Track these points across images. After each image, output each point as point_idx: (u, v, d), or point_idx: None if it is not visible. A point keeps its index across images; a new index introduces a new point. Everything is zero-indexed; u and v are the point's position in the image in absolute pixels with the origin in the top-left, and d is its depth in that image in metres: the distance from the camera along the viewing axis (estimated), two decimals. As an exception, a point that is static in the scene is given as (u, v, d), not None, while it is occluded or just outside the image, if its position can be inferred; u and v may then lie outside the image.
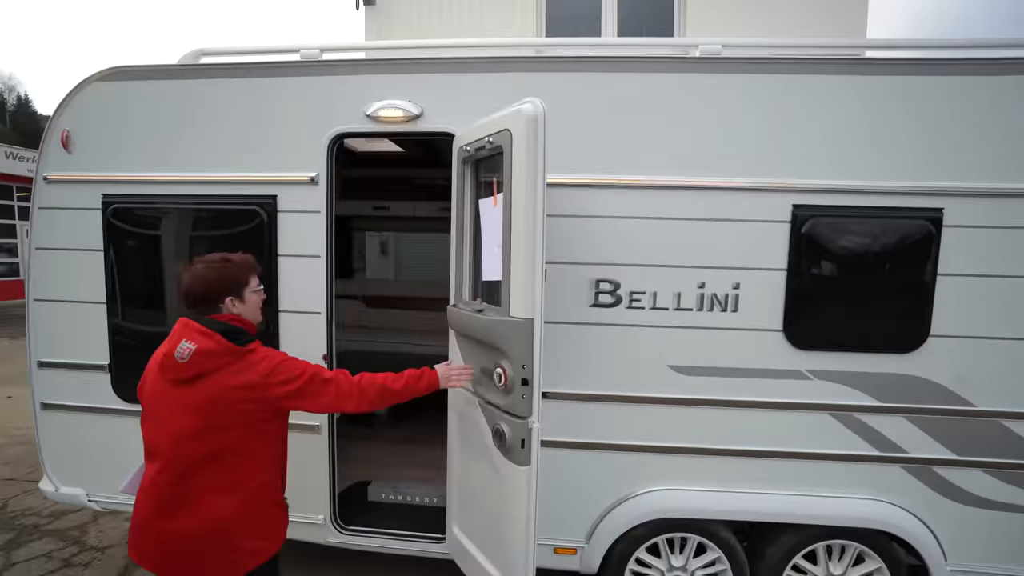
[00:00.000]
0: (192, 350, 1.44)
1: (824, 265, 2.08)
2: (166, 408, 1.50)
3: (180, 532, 1.47)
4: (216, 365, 1.47)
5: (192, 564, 1.51)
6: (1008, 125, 1.97)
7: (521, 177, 1.64)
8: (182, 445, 1.46)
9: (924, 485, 2.14)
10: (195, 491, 1.47)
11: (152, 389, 1.54)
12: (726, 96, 2.07)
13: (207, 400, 1.46)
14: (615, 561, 2.27)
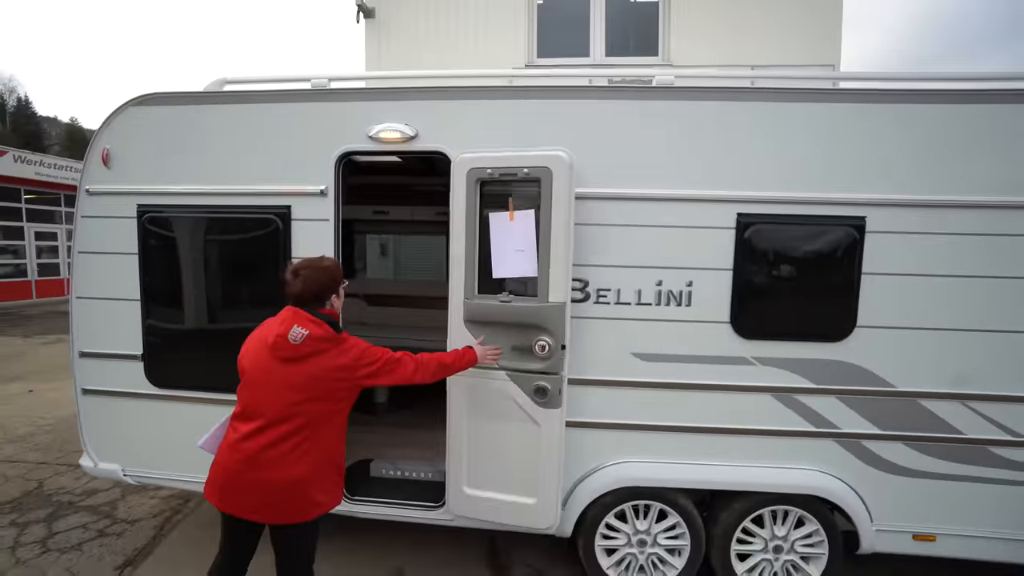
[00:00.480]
0: (305, 335, 1.80)
1: (764, 265, 2.41)
2: (273, 380, 1.82)
3: (267, 482, 1.80)
4: (321, 348, 1.83)
5: (271, 509, 1.84)
6: (919, 146, 2.31)
7: (561, 202, 2.21)
8: (283, 411, 1.80)
9: (853, 456, 2.48)
10: (284, 451, 1.80)
11: (258, 363, 1.86)
12: (680, 119, 2.40)
13: (310, 376, 1.81)
14: (587, 525, 2.60)
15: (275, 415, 1.81)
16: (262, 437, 1.80)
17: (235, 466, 1.82)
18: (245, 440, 1.82)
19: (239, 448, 1.82)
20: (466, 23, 6.26)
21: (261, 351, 1.88)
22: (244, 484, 1.81)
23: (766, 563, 2.60)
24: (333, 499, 1.95)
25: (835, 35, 5.94)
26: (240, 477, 1.81)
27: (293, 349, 1.81)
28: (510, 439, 2.40)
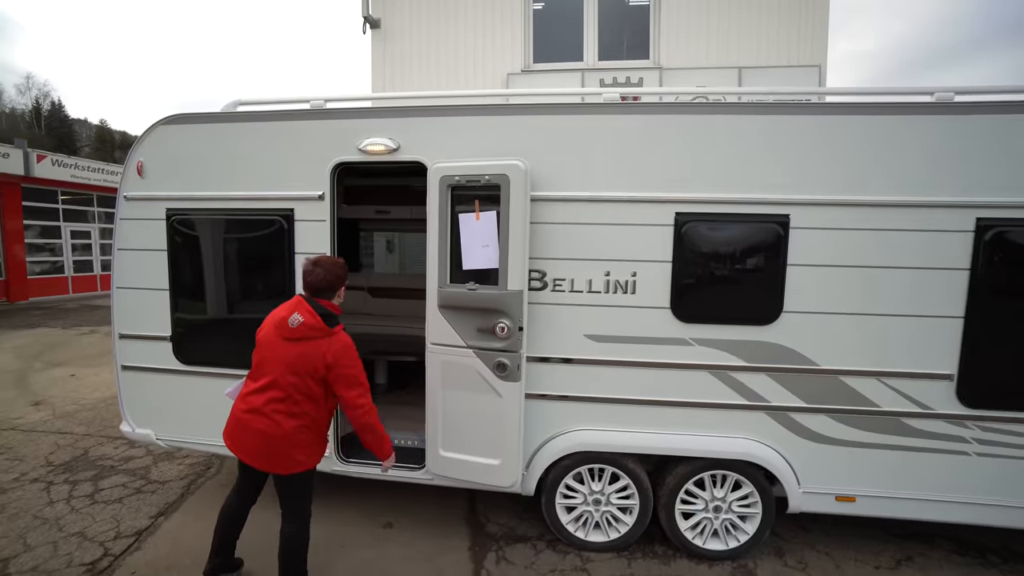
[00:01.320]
0: (301, 322, 2.27)
1: (699, 258, 2.77)
2: (276, 352, 2.30)
3: (262, 431, 2.27)
4: (312, 336, 2.29)
5: (263, 458, 2.31)
6: (835, 153, 2.64)
7: (518, 204, 2.63)
8: (278, 378, 2.27)
9: (782, 427, 2.83)
10: (276, 408, 2.27)
11: (267, 336, 2.34)
12: (624, 132, 2.77)
13: (299, 355, 2.27)
14: (549, 486, 3.01)
15: (273, 380, 2.28)
16: (264, 394, 2.27)
17: (243, 414, 2.31)
18: (252, 394, 2.31)
19: (247, 399, 2.31)
20: (466, 32, 6.68)
21: (271, 327, 2.35)
22: (247, 430, 2.29)
23: (707, 521, 2.98)
24: (312, 460, 2.39)
25: (821, 38, 6.17)
26: (245, 423, 2.30)
27: (291, 331, 2.29)
28: (477, 408, 2.82)
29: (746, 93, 3.64)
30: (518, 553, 3.02)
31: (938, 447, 2.74)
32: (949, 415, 2.72)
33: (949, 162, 2.59)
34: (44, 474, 3.87)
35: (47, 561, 2.86)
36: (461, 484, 3.02)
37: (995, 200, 2.57)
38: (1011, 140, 2.54)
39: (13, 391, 5.89)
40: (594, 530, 3.06)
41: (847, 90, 2.92)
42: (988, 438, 2.71)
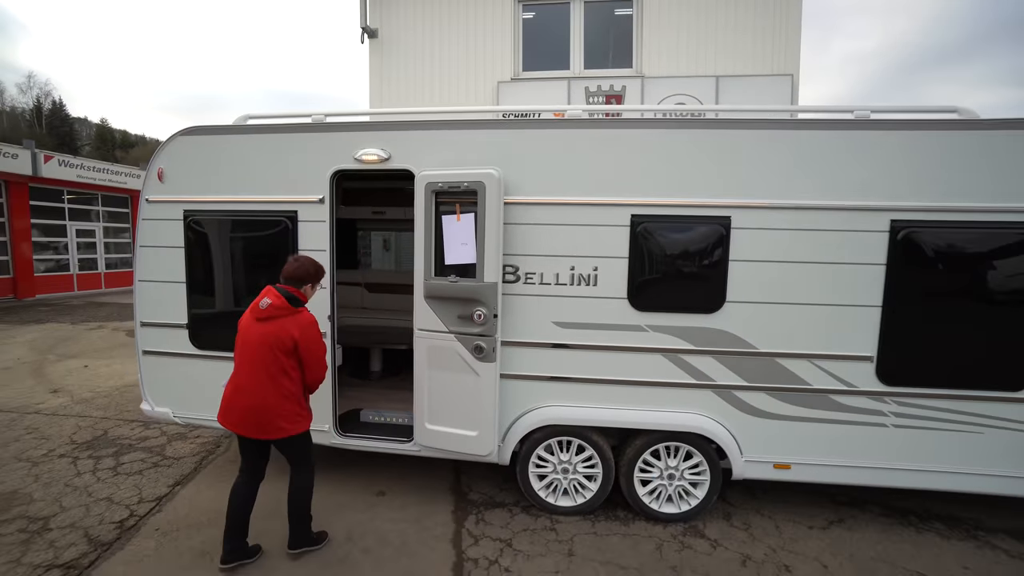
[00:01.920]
0: (269, 303, 2.70)
1: (652, 254, 3.18)
2: (251, 334, 2.72)
3: (245, 406, 2.70)
4: (278, 315, 2.71)
5: (252, 427, 2.72)
6: (770, 163, 3.05)
7: (492, 207, 3.04)
8: (255, 357, 2.69)
9: (727, 403, 3.25)
10: (254, 384, 2.69)
11: (244, 320, 2.78)
12: (587, 143, 3.19)
13: (269, 332, 2.69)
14: (522, 456, 3.43)
15: (251, 359, 2.70)
16: (244, 374, 2.71)
17: (230, 394, 2.74)
18: (236, 376, 2.75)
19: (232, 381, 2.76)
20: (459, 42, 7.10)
21: (248, 313, 2.79)
22: (234, 406, 2.72)
23: (662, 487, 3.39)
24: (297, 427, 2.80)
25: (794, 50, 6.57)
26: (232, 401, 2.73)
27: (261, 312, 2.72)
28: (458, 386, 3.24)
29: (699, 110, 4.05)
30: (496, 516, 3.43)
31: (861, 420, 3.16)
32: (870, 392, 3.13)
33: (867, 171, 3.00)
34: (70, 451, 4.30)
35: (81, 520, 3.28)
36: (444, 455, 3.44)
37: (905, 204, 2.98)
38: (916, 153, 2.95)
39: (32, 380, 6.31)
40: (563, 496, 3.47)
41: (780, 108, 3.34)
42: (903, 411, 3.12)
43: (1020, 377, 3.02)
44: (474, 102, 6.99)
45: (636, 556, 3.03)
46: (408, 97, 7.08)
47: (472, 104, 7.03)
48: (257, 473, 2.91)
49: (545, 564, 2.93)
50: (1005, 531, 3.30)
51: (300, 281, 2.82)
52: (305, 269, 2.83)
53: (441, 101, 7.07)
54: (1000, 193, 2.92)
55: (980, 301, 3.04)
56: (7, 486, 3.69)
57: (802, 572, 2.90)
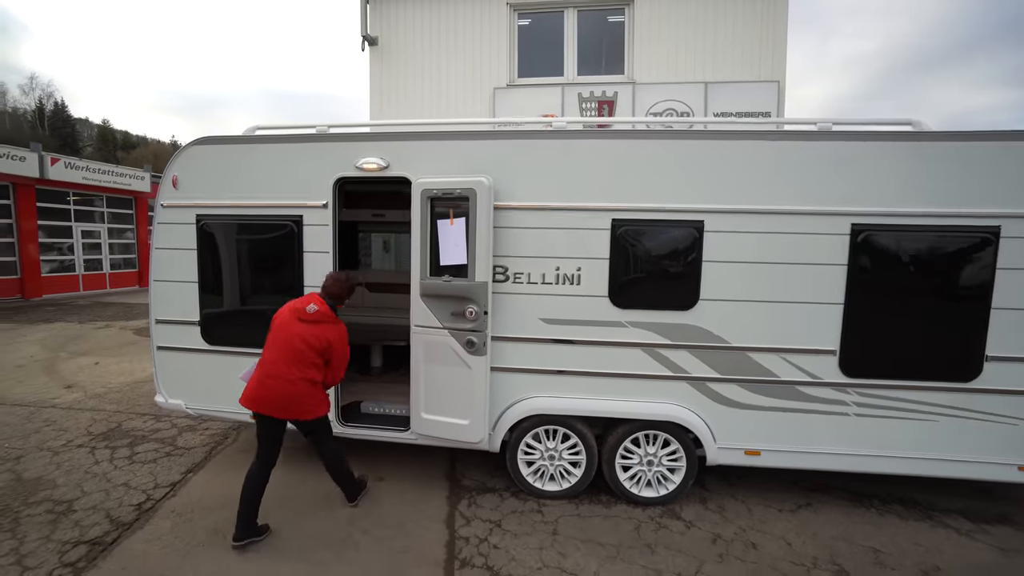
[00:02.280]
0: (316, 310, 3.10)
1: (631, 256, 3.44)
2: (292, 330, 3.08)
3: (278, 389, 3.02)
4: (322, 320, 3.10)
5: (282, 409, 3.05)
6: (740, 170, 3.31)
7: (483, 212, 3.30)
8: (294, 348, 3.04)
9: (701, 394, 3.51)
10: (287, 371, 3.02)
11: (284, 320, 3.12)
12: (572, 152, 3.45)
13: (310, 333, 3.06)
14: (512, 444, 3.70)
15: (288, 351, 3.02)
16: (279, 358, 3.01)
17: (263, 378, 3.03)
18: (270, 358, 3.05)
19: (265, 366, 3.04)
20: (457, 50, 7.37)
21: (288, 314, 3.12)
22: (266, 389, 3.02)
23: (642, 472, 3.66)
24: (321, 409, 3.19)
25: (780, 57, 6.83)
26: (265, 384, 3.02)
27: (308, 315, 3.08)
28: (451, 377, 3.51)
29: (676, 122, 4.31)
30: (487, 500, 3.70)
31: (825, 409, 3.42)
32: (833, 383, 3.39)
33: (829, 178, 3.27)
34: (87, 441, 4.58)
35: (103, 503, 3.56)
36: (439, 443, 3.71)
37: (864, 210, 3.24)
38: (875, 161, 3.21)
39: (46, 376, 6.60)
40: (549, 481, 3.74)
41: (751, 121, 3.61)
42: (864, 401, 3.39)
43: (971, 368, 3.28)
44: (471, 107, 7.26)
45: (615, 535, 3.29)
46: (407, 103, 7.35)
47: (469, 109, 7.30)
48: (271, 458, 3.20)
49: (530, 542, 3.20)
50: (958, 511, 3.56)
51: (338, 298, 3.29)
52: (345, 288, 3.31)
53: (439, 107, 7.34)
54: (949, 199, 3.18)
55: (932, 298, 3.30)
56: (32, 473, 3.97)
57: (767, 549, 3.16)
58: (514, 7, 7.28)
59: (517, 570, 2.92)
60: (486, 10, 7.26)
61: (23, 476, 3.93)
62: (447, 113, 7.33)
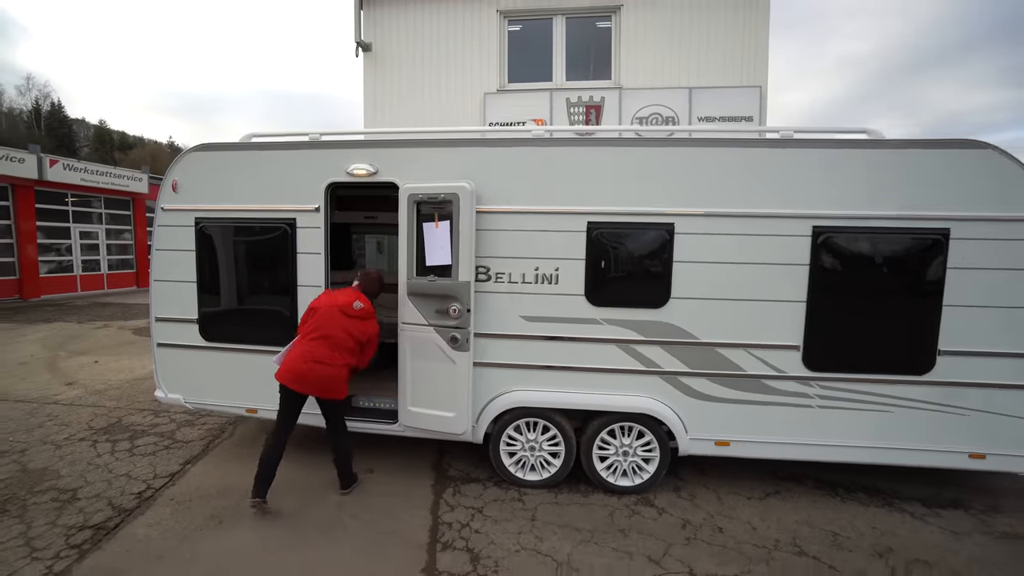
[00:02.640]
0: (362, 307, 3.48)
1: (606, 256, 3.66)
2: (336, 321, 3.49)
3: (317, 370, 3.39)
4: (365, 316, 3.49)
5: (316, 387, 3.43)
6: (708, 175, 3.54)
7: (465, 216, 3.53)
8: (338, 336, 3.41)
9: (673, 388, 3.72)
10: (328, 354, 3.41)
11: (330, 310, 3.52)
12: (550, 158, 3.67)
13: (353, 326, 3.47)
14: (495, 435, 3.91)
15: (331, 338, 3.43)
16: (322, 347, 3.40)
17: (303, 357, 3.39)
18: (313, 345, 3.42)
19: (308, 347, 3.41)
20: (449, 55, 7.59)
21: (333, 305, 3.51)
22: (305, 369, 3.40)
23: (618, 463, 3.87)
24: (346, 391, 3.62)
25: (762, 62, 7.05)
26: (305, 364, 3.39)
27: (354, 311, 3.52)
28: (436, 372, 3.73)
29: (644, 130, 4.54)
30: (471, 489, 3.91)
31: (790, 401, 3.64)
32: (797, 376, 3.61)
33: (792, 183, 3.49)
34: (88, 435, 4.78)
35: (105, 491, 3.77)
36: (425, 434, 3.92)
37: (824, 212, 3.47)
38: (833, 167, 3.43)
39: (47, 374, 6.80)
40: (530, 471, 3.95)
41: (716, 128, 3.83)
42: (826, 394, 3.60)
43: (924, 363, 3.50)
44: (462, 112, 7.47)
45: (590, 521, 3.50)
46: (400, 107, 7.57)
47: (461, 114, 7.51)
48: (289, 431, 3.58)
49: (510, 527, 3.41)
50: (917, 499, 3.78)
51: (375, 295, 3.81)
52: (379, 284, 3.85)
53: (431, 111, 7.56)
54: (902, 202, 3.40)
55: (888, 296, 3.52)
56: (37, 464, 4.18)
57: (733, 533, 3.37)
58: (504, 14, 7.51)
59: (495, 552, 3.14)
60: (477, 17, 7.48)
61: (28, 467, 4.13)
62: (439, 117, 7.55)
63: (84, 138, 57.03)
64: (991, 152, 3.34)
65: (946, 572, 2.99)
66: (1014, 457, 3.51)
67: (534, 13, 7.46)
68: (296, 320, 3.93)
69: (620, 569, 2.99)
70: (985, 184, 3.36)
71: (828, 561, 3.08)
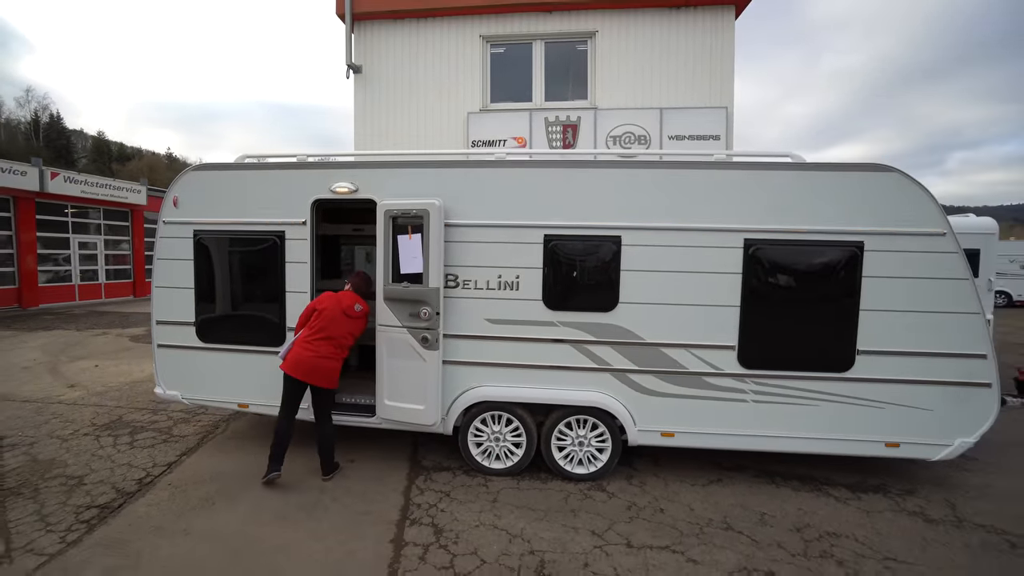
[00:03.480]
0: (361, 309, 4.06)
1: (561, 266, 4.14)
2: (338, 320, 4.04)
3: (318, 362, 3.95)
4: (362, 316, 4.03)
5: (315, 377, 3.95)
6: (651, 193, 4.03)
7: (435, 229, 4.02)
8: (339, 335, 3.96)
9: (622, 383, 4.19)
10: (329, 350, 3.95)
11: (334, 311, 4.06)
12: (511, 178, 4.17)
13: (354, 326, 4.07)
14: (463, 428, 4.37)
15: (333, 337, 3.98)
16: (326, 345, 3.94)
17: (308, 352, 3.93)
18: (318, 343, 3.94)
19: (311, 343, 3.95)
20: (435, 77, 8.14)
21: (336, 306, 4.04)
22: (314, 364, 3.95)
23: (574, 452, 4.32)
24: (337, 382, 4.13)
25: (728, 85, 7.60)
26: (308, 357, 3.95)
27: (354, 312, 4.05)
28: (409, 369, 4.19)
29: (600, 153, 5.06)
30: (441, 476, 4.35)
31: (727, 396, 4.10)
32: (734, 374, 4.08)
33: (726, 200, 3.98)
34: (92, 431, 5.23)
35: (109, 477, 4.21)
36: (400, 426, 4.38)
37: (754, 227, 3.96)
38: (760, 187, 3.94)
39: (50, 377, 7.25)
40: (495, 460, 4.40)
41: (656, 153, 4.34)
42: (759, 390, 4.07)
43: (845, 361, 3.97)
44: (447, 131, 8.01)
45: (546, 503, 3.94)
46: (389, 126, 8.10)
47: (446, 133, 8.04)
48: (294, 412, 4.17)
49: (473, 507, 3.85)
50: (845, 485, 4.22)
51: (368, 295, 4.35)
52: (372, 286, 4.40)
53: (418, 129, 8.09)
54: (822, 218, 3.90)
55: (812, 301, 4.01)
56: (45, 455, 4.62)
57: (672, 512, 3.81)
58: (487, 39, 8.07)
59: (457, 527, 3.58)
60: (461, 41, 8.05)
61: (38, 458, 4.58)
62: (426, 134, 8.08)
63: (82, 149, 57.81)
64: (897, 175, 3.85)
65: (850, 541, 3.43)
66: (923, 445, 3.97)
67: (515, 38, 8.03)
68: (284, 323, 4.40)
69: (565, 540, 3.43)
70: (893, 203, 3.86)
71: (750, 535, 3.52)
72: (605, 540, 3.44)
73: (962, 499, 4.03)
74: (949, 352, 3.89)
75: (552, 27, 7.90)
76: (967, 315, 3.85)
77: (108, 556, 3.18)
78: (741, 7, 7.64)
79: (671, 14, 7.66)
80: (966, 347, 3.87)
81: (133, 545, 3.30)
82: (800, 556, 3.29)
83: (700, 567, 3.17)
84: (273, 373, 4.18)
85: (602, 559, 3.23)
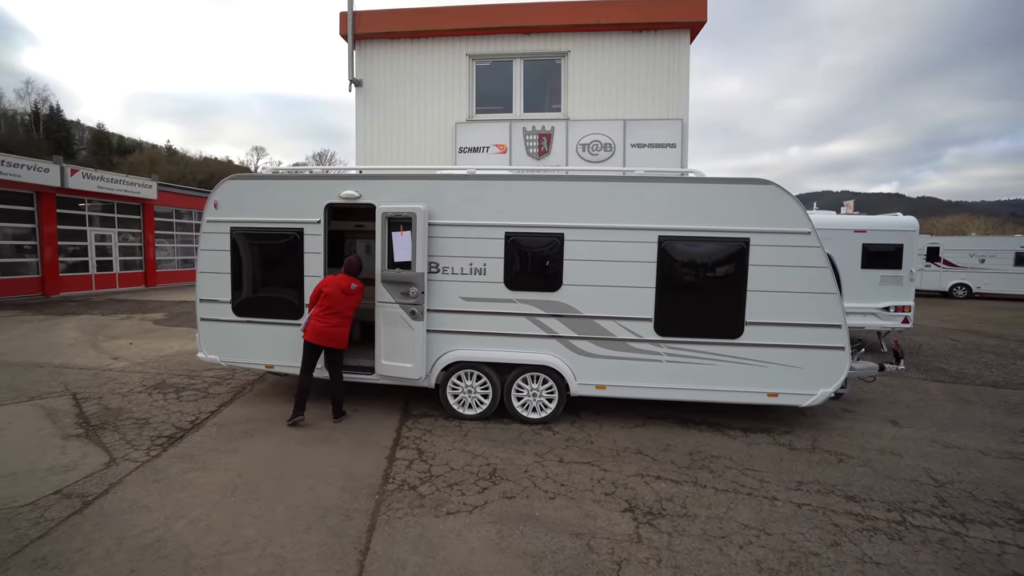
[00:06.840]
0: (356, 287, 5.34)
1: (518, 255, 5.46)
2: (341, 299, 5.29)
3: (332, 331, 5.25)
4: (359, 291, 5.35)
5: (329, 340, 5.28)
6: (588, 200, 5.34)
7: (420, 228, 5.33)
8: (342, 309, 5.27)
9: (565, 347, 5.51)
10: (338, 323, 5.29)
11: (336, 292, 5.29)
12: (477, 188, 5.48)
13: (352, 300, 5.36)
14: (443, 383, 5.70)
15: (339, 312, 5.24)
16: (335, 318, 5.22)
17: (322, 324, 5.22)
18: (328, 316, 5.24)
19: (323, 318, 5.23)
20: (427, 91, 9.43)
21: (336, 288, 5.26)
22: (327, 331, 5.24)
23: (529, 401, 5.65)
24: (347, 343, 5.42)
25: (683, 99, 8.87)
26: (322, 328, 5.25)
27: (350, 291, 5.27)
28: (401, 336, 5.53)
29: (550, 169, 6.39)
30: (425, 421, 5.69)
31: (646, 357, 5.42)
32: (651, 340, 5.39)
33: (644, 205, 5.29)
34: (144, 390, 6.59)
35: (168, 419, 5.57)
36: (393, 381, 5.71)
37: (665, 226, 5.27)
38: (672, 195, 5.24)
39: (94, 352, 8.62)
40: (468, 408, 5.73)
41: (595, 170, 5.64)
42: (671, 352, 5.39)
43: (736, 329, 5.28)
44: (437, 139, 9.32)
45: (504, 437, 5.28)
46: (387, 134, 9.40)
47: (436, 140, 9.35)
48: (312, 370, 5.45)
49: (448, 438, 5.19)
50: (740, 428, 5.55)
51: (357, 273, 5.53)
52: (359, 266, 5.59)
53: (412, 137, 9.40)
54: (718, 219, 5.20)
55: (711, 284, 5.32)
56: (114, 406, 5.98)
57: (599, 443, 5.14)
58: (473, 57, 9.35)
59: (435, 449, 4.92)
60: (450, 58, 9.32)
61: (108, 407, 5.94)
62: (419, 141, 9.38)
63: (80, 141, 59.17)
64: (774, 187, 5.14)
65: (725, 460, 4.76)
66: (795, 395, 5.29)
67: (497, 56, 9.30)
68: (302, 301, 5.74)
69: (514, 457, 4.76)
70: (771, 209, 5.16)
71: (653, 456, 4.85)
72: (544, 459, 4.78)
73: (825, 436, 5.37)
74: (813, 323, 5.21)
75: (530, 47, 9.18)
76: (826, 295, 5.17)
77: (183, 463, 4.53)
78: (696, 31, 8.90)
79: (634, 37, 8.92)
80: (825, 319, 5.19)
81: (199, 458, 4.65)
82: (685, 468, 4.62)
83: (608, 472, 4.50)
84: (293, 340, 5.54)
85: (538, 468, 4.57)
